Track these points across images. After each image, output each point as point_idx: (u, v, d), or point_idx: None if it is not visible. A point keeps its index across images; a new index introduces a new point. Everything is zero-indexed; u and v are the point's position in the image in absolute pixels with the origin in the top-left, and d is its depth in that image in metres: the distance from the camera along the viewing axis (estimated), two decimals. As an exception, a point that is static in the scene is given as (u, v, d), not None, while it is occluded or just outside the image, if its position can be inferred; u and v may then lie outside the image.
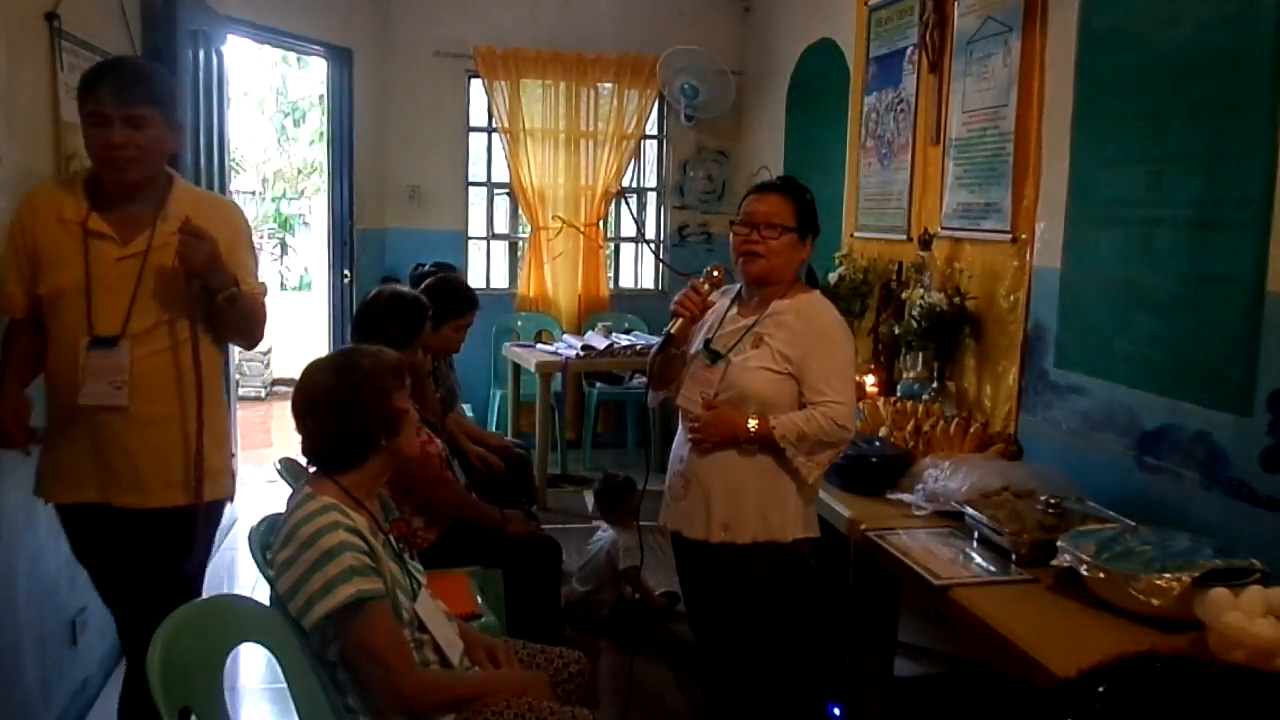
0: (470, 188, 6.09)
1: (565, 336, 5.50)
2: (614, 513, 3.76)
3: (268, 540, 2.04)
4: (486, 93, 5.84)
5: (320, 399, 1.93)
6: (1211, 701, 1.43)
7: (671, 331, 2.34)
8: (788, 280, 2.37)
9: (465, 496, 3.04)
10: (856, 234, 4.34)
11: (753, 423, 2.24)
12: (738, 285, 2.44)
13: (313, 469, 1.99)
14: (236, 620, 1.86)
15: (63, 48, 2.68)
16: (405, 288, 3.25)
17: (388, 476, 2.06)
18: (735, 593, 2.33)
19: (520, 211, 6.10)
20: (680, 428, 2.42)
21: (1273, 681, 1.55)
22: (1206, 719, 1.41)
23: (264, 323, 2.31)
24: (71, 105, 2.76)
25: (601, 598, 3.60)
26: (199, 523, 2.17)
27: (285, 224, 10.77)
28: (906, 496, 2.60)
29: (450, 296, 3.41)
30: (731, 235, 2.38)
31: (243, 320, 2.23)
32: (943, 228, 3.58)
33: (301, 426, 1.97)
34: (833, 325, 2.32)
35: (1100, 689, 1.43)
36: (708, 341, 2.37)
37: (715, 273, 2.38)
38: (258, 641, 1.87)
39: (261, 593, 2.45)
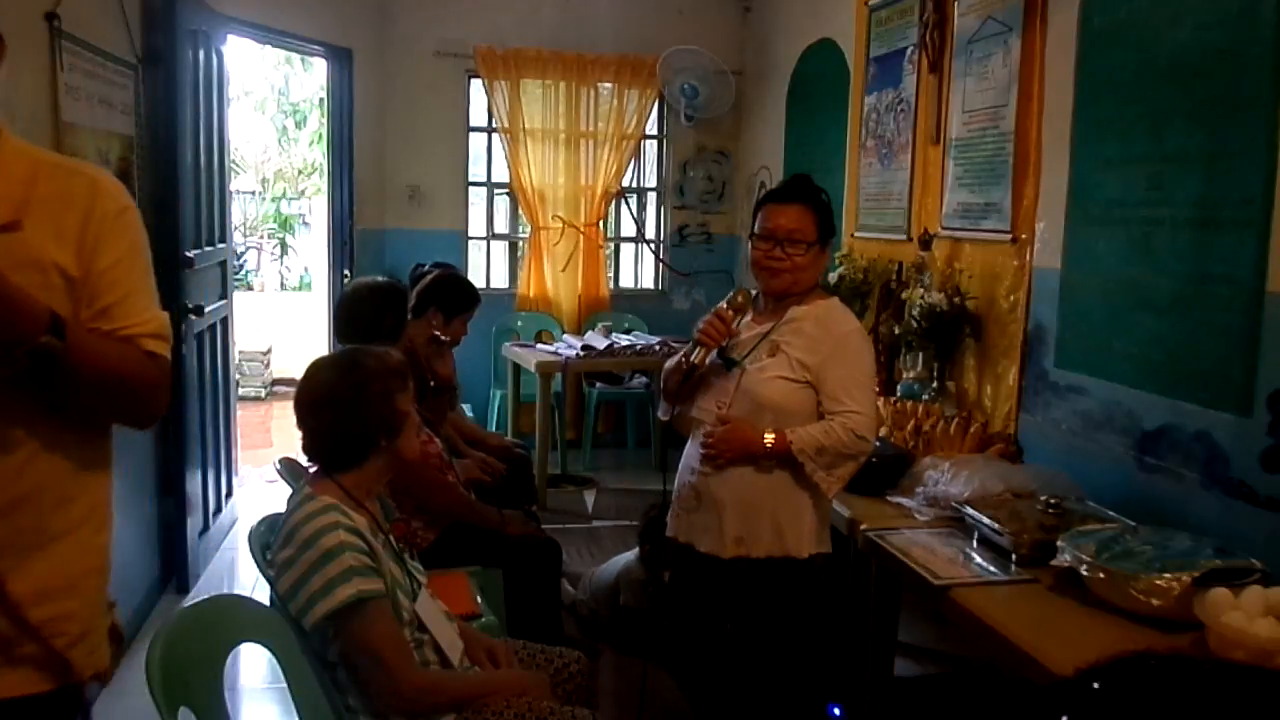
0: (470, 188, 6.09)
1: (565, 336, 5.50)
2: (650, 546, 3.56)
3: (268, 540, 2.04)
4: (486, 93, 5.84)
5: (323, 397, 1.94)
6: (1206, 698, 1.43)
7: (695, 361, 2.25)
8: (808, 288, 2.31)
9: (463, 498, 3.04)
10: (856, 234, 4.34)
11: (769, 437, 2.17)
12: (754, 293, 2.38)
13: (313, 469, 1.99)
14: (236, 620, 1.86)
15: (63, 48, 2.68)
16: (379, 278, 3.26)
17: (388, 477, 2.06)
18: (745, 608, 2.27)
19: (520, 211, 6.10)
20: (692, 436, 2.35)
21: (1268, 677, 1.55)
22: (1201, 716, 1.41)
23: (153, 385, 1.32)
24: (72, 105, 2.77)
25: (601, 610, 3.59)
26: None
27: (285, 224, 10.79)
28: (906, 501, 2.60)
29: (459, 291, 3.57)
30: (749, 247, 2.30)
31: (87, 388, 1.25)
32: (943, 228, 3.58)
33: (303, 424, 1.97)
34: (852, 333, 2.27)
35: (1095, 686, 1.43)
36: (722, 349, 2.29)
37: (740, 298, 2.30)
38: (258, 641, 1.87)
39: (261, 593, 2.45)
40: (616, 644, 3.37)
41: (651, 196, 6.46)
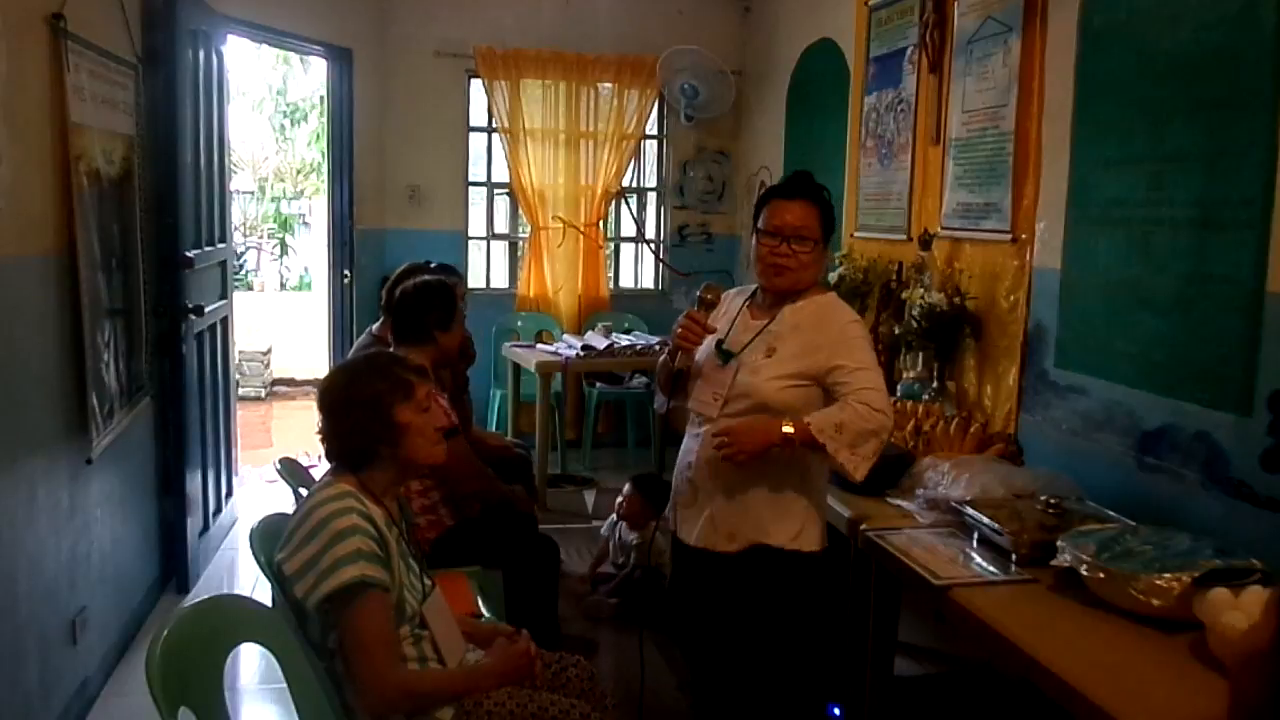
0: (470, 188, 6.09)
1: (565, 336, 5.49)
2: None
3: (268, 540, 2.04)
4: (486, 93, 5.84)
5: (328, 402, 1.99)
6: None
7: (679, 367, 2.25)
8: (808, 286, 2.29)
9: (492, 481, 3.15)
10: (856, 234, 4.34)
11: (788, 428, 2.11)
12: (753, 288, 2.38)
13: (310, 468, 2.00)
14: (236, 620, 1.86)
15: (69, 49, 2.68)
16: (427, 275, 3.32)
17: (405, 478, 2.08)
18: (738, 598, 2.28)
19: (520, 211, 6.10)
20: (689, 430, 2.36)
21: None
22: None
23: None
24: (80, 105, 2.77)
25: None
26: None
27: (285, 224, 10.80)
28: (906, 503, 2.60)
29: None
30: (754, 244, 2.28)
31: None
32: (943, 228, 3.58)
33: (321, 423, 2.02)
34: (851, 323, 2.25)
35: None
36: (719, 342, 2.29)
37: (708, 295, 2.29)
38: (258, 641, 1.87)
39: (261, 593, 2.46)
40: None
41: (651, 196, 6.46)
